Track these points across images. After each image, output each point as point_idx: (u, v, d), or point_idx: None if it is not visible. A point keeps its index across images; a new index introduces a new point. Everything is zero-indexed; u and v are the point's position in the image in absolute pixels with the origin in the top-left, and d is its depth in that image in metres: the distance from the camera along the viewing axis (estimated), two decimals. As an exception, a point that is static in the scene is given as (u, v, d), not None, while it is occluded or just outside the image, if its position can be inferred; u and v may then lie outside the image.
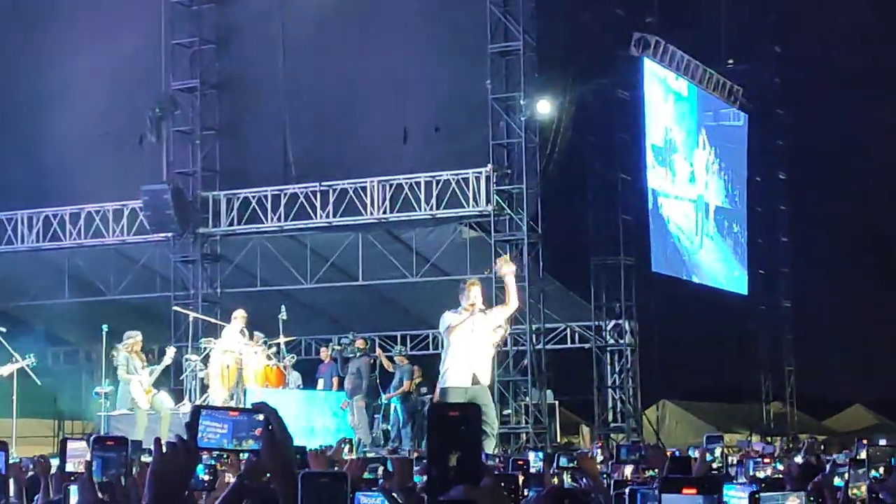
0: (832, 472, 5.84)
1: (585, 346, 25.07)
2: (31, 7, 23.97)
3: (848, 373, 29.58)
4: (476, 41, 20.77)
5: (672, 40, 24.01)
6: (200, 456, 3.26)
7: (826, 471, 5.94)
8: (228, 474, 6.04)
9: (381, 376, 21.74)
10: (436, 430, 2.77)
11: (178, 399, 19.34)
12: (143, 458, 6.98)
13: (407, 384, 20.90)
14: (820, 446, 16.15)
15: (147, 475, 3.06)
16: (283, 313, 19.42)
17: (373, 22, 22.39)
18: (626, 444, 10.31)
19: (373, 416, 21.07)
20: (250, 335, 18.78)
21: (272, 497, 3.14)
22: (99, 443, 3.41)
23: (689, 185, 26.20)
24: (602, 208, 24.16)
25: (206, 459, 5.18)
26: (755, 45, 27.75)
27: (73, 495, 3.97)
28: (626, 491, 2.98)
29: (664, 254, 24.81)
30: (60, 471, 4.65)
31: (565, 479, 7.64)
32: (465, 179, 21.14)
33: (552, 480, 7.35)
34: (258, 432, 3.14)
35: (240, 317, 18.84)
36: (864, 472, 5.65)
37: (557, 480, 7.50)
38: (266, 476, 3.37)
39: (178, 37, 22.98)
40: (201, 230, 22.97)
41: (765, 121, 28.81)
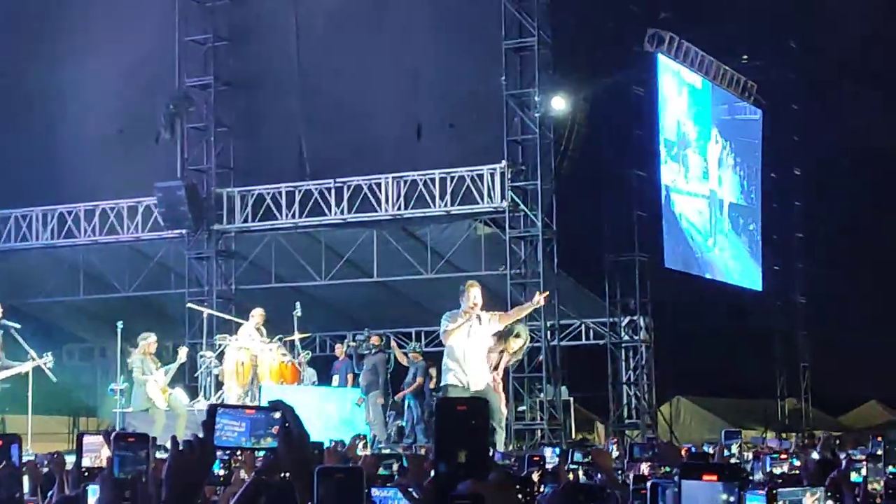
0: (849, 468, 5.82)
1: (600, 342, 25.03)
2: (46, 5, 24.01)
3: (863, 369, 29.45)
4: (491, 37, 20.75)
5: (686, 36, 23.96)
6: (216, 454, 3.26)
7: (843, 467, 5.91)
8: (242, 471, 6.04)
9: (395, 372, 21.72)
10: (444, 425, 2.76)
11: (193, 396, 19.37)
12: (159, 455, 6.99)
13: (419, 380, 20.87)
14: (835, 442, 16.09)
15: (164, 473, 3.07)
16: (297, 310, 19.43)
17: (387, 18, 22.38)
18: (640, 442, 10.28)
19: (388, 412, 21.07)
20: (266, 335, 18.77)
21: (289, 493, 3.13)
22: (120, 439, 3.41)
23: (703, 181, 26.15)
24: (616, 204, 24.09)
25: (220, 455, 5.18)
26: (770, 40, 27.63)
27: (91, 495, 3.96)
28: (648, 485, 2.97)
29: (677, 250, 24.77)
30: (77, 466, 4.66)
31: (580, 475, 7.62)
32: (480, 176, 21.12)
33: (567, 476, 7.34)
34: (275, 430, 3.14)
35: (257, 315, 18.87)
36: (882, 467, 5.62)
37: (572, 476, 7.49)
38: (282, 473, 3.37)
39: (192, 34, 23.00)
40: (216, 227, 22.99)
41: (779, 116, 28.71)
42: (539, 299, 13.59)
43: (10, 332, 15.76)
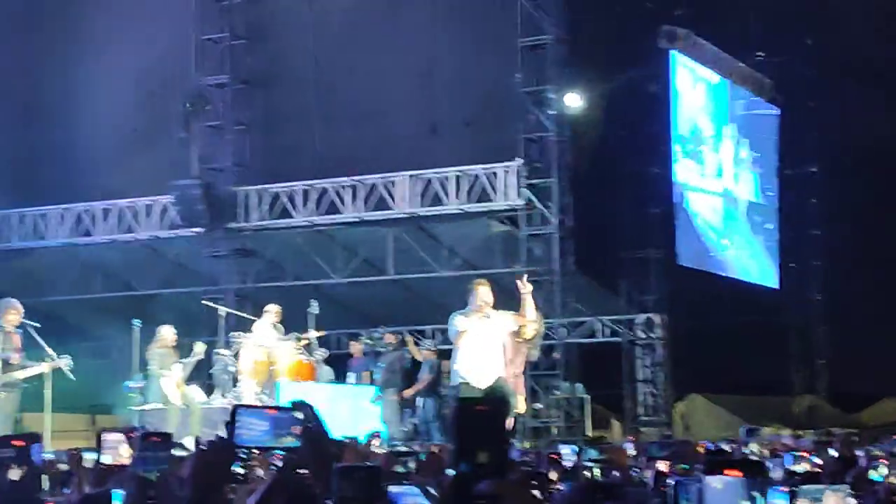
0: (868, 466, 5.81)
1: (615, 340, 25.00)
2: (63, 4, 24.06)
3: (879, 366, 29.34)
4: (506, 35, 20.75)
5: (701, 32, 23.89)
6: (238, 453, 3.29)
7: (862, 464, 5.90)
8: (258, 469, 6.05)
9: (412, 370, 21.71)
10: (463, 425, 2.77)
11: (209, 394, 19.39)
12: (175, 452, 6.99)
13: (427, 377, 20.87)
14: (853, 439, 16.05)
15: (187, 472, 3.08)
16: (313, 308, 19.44)
17: (402, 16, 22.38)
18: (656, 441, 10.25)
19: (403, 410, 21.06)
20: (286, 331, 18.78)
21: (309, 490, 3.15)
22: (144, 439, 3.43)
23: (717, 179, 26.07)
24: (631, 202, 24.06)
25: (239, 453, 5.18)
26: (786, 36, 27.53)
27: (116, 500, 3.97)
28: (672, 482, 2.97)
29: (691, 247, 24.70)
30: (97, 462, 4.67)
31: (595, 473, 7.62)
32: (495, 173, 21.12)
33: (584, 474, 7.35)
34: (297, 429, 3.16)
35: (273, 311, 18.87)
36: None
37: (588, 474, 7.49)
38: (301, 470, 3.38)
39: (209, 32, 23.04)
40: (232, 225, 23.04)
41: (796, 114, 28.61)
42: (523, 284, 13.35)
43: (30, 331, 15.80)
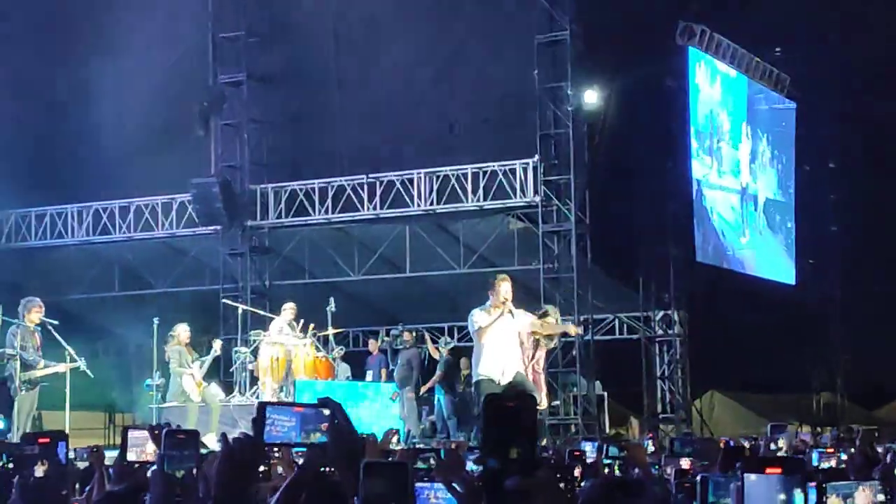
0: (894, 463, 5.79)
1: (634, 336, 24.97)
2: (81, 4, 24.09)
3: (897, 363, 29.29)
4: (523, 31, 20.73)
5: (719, 28, 23.83)
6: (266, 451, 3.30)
7: (888, 461, 5.88)
8: (279, 466, 6.06)
9: (430, 367, 21.74)
10: (492, 421, 2.76)
11: (229, 391, 19.43)
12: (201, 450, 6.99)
13: (440, 375, 20.92)
14: (875, 435, 16.02)
15: (214, 470, 3.09)
16: (331, 305, 19.46)
17: (420, 14, 22.37)
18: (679, 437, 10.22)
19: (421, 407, 21.10)
20: (303, 328, 18.79)
21: (335, 487, 3.15)
22: (170, 436, 3.44)
23: (735, 176, 26.01)
24: (649, 198, 24.01)
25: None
26: (804, 32, 27.42)
27: None
28: (698, 479, 2.96)
29: (709, 244, 24.64)
30: (121, 459, 4.68)
31: (615, 470, 7.62)
32: (513, 170, 21.11)
33: (604, 471, 7.35)
34: (324, 426, 3.17)
35: (289, 309, 18.89)
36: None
37: (607, 470, 7.50)
38: (326, 468, 3.38)
39: (225, 30, 23.06)
40: (249, 223, 23.08)
41: (814, 109, 28.51)
42: (577, 330, 13.47)
43: (50, 329, 15.87)
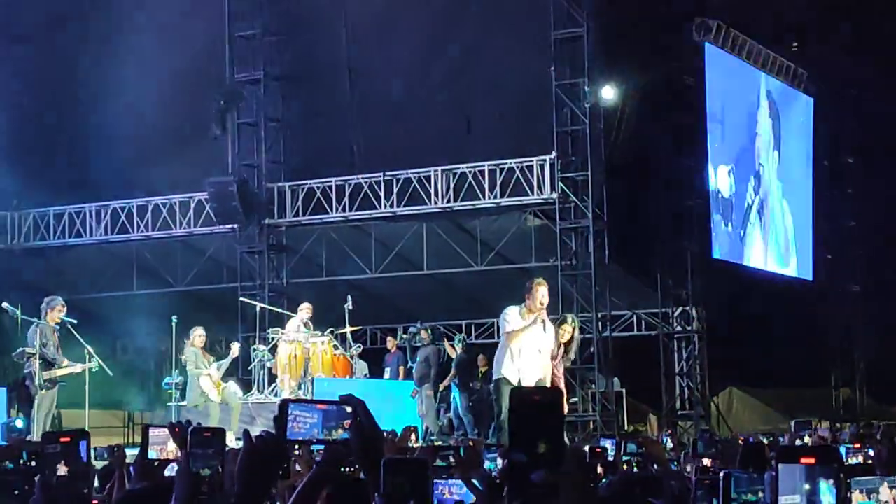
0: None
1: (652, 333, 24.94)
2: (98, 2, 24.16)
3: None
4: (540, 28, 20.71)
5: (734, 23, 23.77)
6: (288, 448, 3.30)
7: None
8: (297, 464, 6.06)
9: (448, 364, 21.76)
10: (519, 415, 2.76)
11: (247, 389, 19.48)
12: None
13: (454, 372, 21.00)
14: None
15: (237, 468, 3.09)
16: (348, 303, 19.50)
17: (436, 10, 22.38)
18: (700, 435, 10.17)
19: (439, 405, 21.13)
20: (317, 327, 18.84)
21: (357, 486, 3.16)
22: (196, 434, 3.45)
23: (752, 170, 25.94)
24: (667, 194, 23.97)
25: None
26: (821, 27, 27.36)
27: None
28: (721, 475, 2.96)
29: (726, 240, 24.59)
30: (142, 457, 4.68)
31: (633, 466, 7.62)
32: (530, 167, 21.09)
33: (623, 468, 7.35)
34: (347, 423, 3.17)
35: (305, 309, 18.95)
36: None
37: (626, 467, 7.50)
38: (346, 466, 3.40)
39: (242, 29, 23.09)
40: (267, 221, 23.11)
41: (831, 104, 28.44)
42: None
43: (69, 327, 15.95)
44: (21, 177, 22.61)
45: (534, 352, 12.62)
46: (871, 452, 6.56)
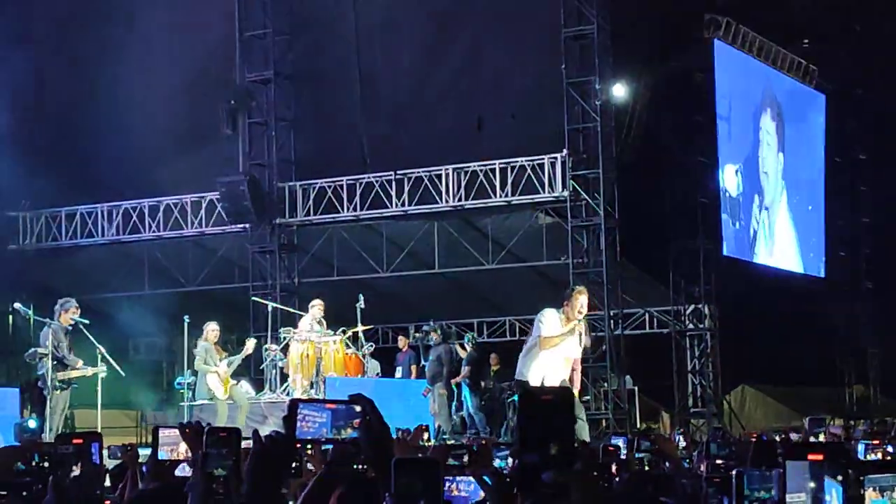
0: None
1: (664, 331, 24.91)
2: (109, 3, 24.18)
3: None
4: (550, 25, 20.68)
5: (745, 20, 23.71)
6: (298, 448, 3.30)
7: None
8: (309, 463, 6.04)
9: (460, 363, 21.74)
10: (529, 415, 2.75)
11: (259, 389, 19.49)
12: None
13: (467, 371, 20.96)
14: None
15: (246, 467, 3.09)
16: (360, 302, 19.49)
17: (445, 9, 22.37)
18: (713, 435, 10.09)
19: (452, 403, 21.11)
20: (327, 327, 18.83)
21: (368, 484, 3.15)
22: (212, 434, 3.44)
23: (763, 168, 25.87)
24: (679, 191, 23.93)
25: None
26: (832, 23, 27.27)
27: None
28: (734, 473, 2.94)
29: (738, 238, 24.53)
30: (153, 458, 4.68)
31: (645, 464, 7.59)
32: (541, 165, 21.07)
33: (635, 466, 7.31)
34: (356, 423, 3.17)
35: (317, 306, 18.93)
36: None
37: (638, 466, 7.47)
38: (357, 465, 3.39)
39: (252, 28, 23.09)
40: (278, 221, 23.11)
41: (843, 100, 28.37)
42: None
43: (81, 328, 15.97)
44: (32, 177, 22.63)
45: (561, 363, 12.49)
46: (889, 449, 6.52)
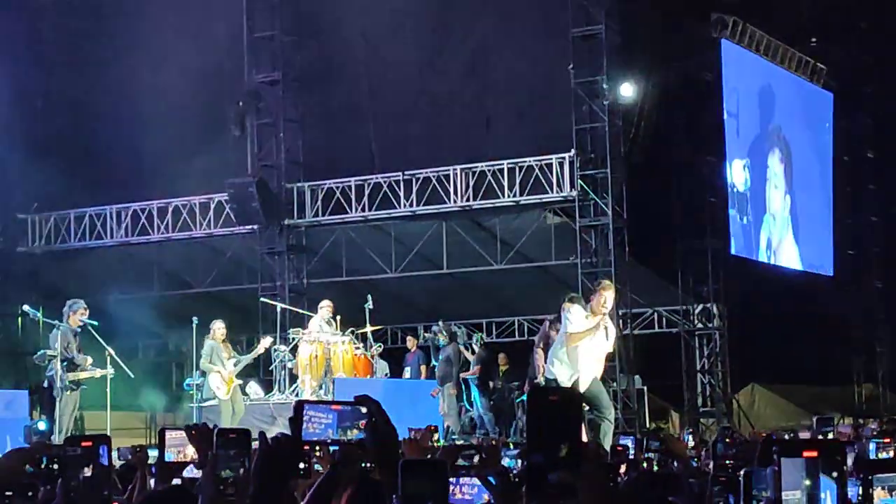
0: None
1: (673, 330, 24.89)
2: (118, 5, 24.21)
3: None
4: (558, 26, 20.68)
5: (753, 20, 23.68)
6: (304, 449, 3.29)
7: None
8: (318, 465, 6.04)
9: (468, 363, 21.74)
10: (537, 415, 2.75)
11: (268, 390, 19.51)
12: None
13: (476, 368, 20.95)
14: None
15: (252, 468, 3.10)
16: (368, 303, 19.50)
17: (453, 8, 22.37)
18: (720, 436, 10.10)
19: (461, 404, 21.10)
20: (338, 326, 18.85)
21: (375, 486, 3.15)
22: (222, 436, 3.45)
23: (771, 167, 25.83)
24: (687, 191, 23.91)
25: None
26: (840, 22, 27.23)
27: None
28: (742, 473, 2.94)
29: (746, 237, 24.50)
30: (161, 460, 4.70)
31: (655, 464, 7.59)
32: (549, 165, 21.06)
33: (644, 466, 7.33)
34: (362, 424, 3.17)
35: (326, 306, 18.95)
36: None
37: (647, 465, 7.47)
38: (363, 464, 3.39)
39: (260, 30, 23.10)
40: (287, 222, 23.12)
41: (851, 99, 28.32)
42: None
43: (90, 330, 16.01)
44: (41, 179, 22.68)
45: (593, 360, 12.40)
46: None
